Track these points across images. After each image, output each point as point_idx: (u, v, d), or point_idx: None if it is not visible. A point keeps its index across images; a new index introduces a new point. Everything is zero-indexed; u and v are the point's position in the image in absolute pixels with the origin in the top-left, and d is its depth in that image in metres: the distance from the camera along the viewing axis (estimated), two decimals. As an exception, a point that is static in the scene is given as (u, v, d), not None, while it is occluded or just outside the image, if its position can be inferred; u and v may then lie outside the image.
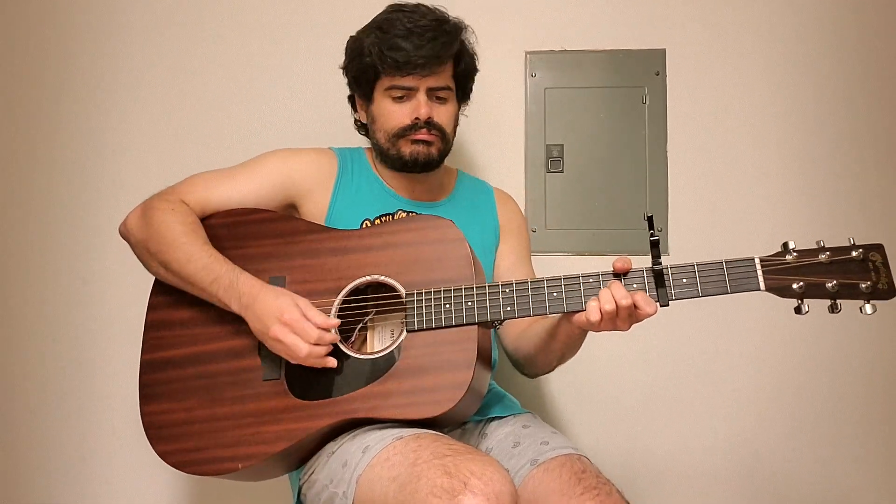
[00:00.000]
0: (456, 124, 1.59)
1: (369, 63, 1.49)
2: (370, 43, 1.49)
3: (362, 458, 1.23)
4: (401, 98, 1.50)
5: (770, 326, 1.92)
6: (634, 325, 1.27)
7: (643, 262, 1.30)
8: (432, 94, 1.51)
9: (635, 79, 1.98)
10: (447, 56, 1.50)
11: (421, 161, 1.51)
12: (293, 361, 1.31)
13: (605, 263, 1.92)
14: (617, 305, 1.23)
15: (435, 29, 1.48)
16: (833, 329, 1.91)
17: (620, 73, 1.98)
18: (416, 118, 1.49)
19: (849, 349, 1.93)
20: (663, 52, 1.98)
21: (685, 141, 1.97)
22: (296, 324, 1.28)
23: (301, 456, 1.38)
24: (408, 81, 1.48)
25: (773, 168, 1.96)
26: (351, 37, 1.57)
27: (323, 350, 1.30)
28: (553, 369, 1.50)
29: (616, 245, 1.95)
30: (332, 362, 1.31)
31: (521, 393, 1.62)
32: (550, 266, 1.89)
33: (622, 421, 1.94)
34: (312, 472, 1.35)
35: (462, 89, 1.59)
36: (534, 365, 1.50)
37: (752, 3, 1.98)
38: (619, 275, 1.28)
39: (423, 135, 1.50)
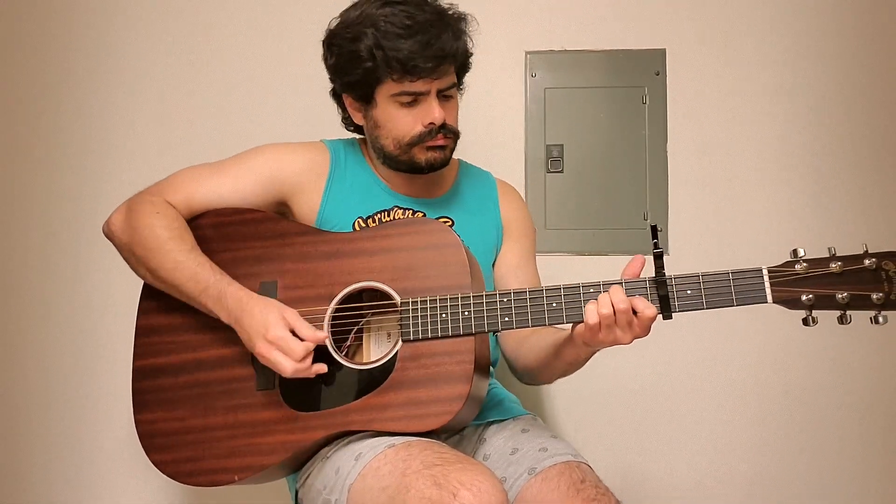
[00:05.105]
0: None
1: (370, 68, 1.37)
2: (369, 46, 1.35)
3: (354, 465, 1.22)
4: (409, 103, 1.40)
5: (774, 332, 1.91)
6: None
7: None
8: (440, 93, 1.41)
9: (635, 79, 1.97)
10: (461, 55, 1.42)
11: (437, 166, 1.45)
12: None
13: (604, 263, 1.97)
14: (615, 309, 1.18)
15: (437, 24, 1.37)
16: (840, 335, 1.90)
17: (620, 73, 1.97)
18: (431, 123, 1.40)
19: (854, 356, 1.92)
20: (663, 52, 1.97)
21: (685, 141, 1.96)
22: (280, 342, 1.25)
23: (298, 462, 1.36)
24: (418, 86, 1.37)
25: (773, 168, 1.95)
26: (331, 31, 1.44)
27: (309, 364, 1.26)
28: (553, 382, 1.48)
29: (616, 245, 1.95)
30: (322, 368, 1.27)
31: (520, 392, 1.62)
32: (550, 266, 1.86)
33: (624, 423, 1.94)
34: (308, 477, 1.34)
35: (460, 77, 1.50)
36: (533, 377, 1.47)
37: (752, 4, 1.97)
38: (620, 283, 1.23)
39: (440, 140, 1.42)
